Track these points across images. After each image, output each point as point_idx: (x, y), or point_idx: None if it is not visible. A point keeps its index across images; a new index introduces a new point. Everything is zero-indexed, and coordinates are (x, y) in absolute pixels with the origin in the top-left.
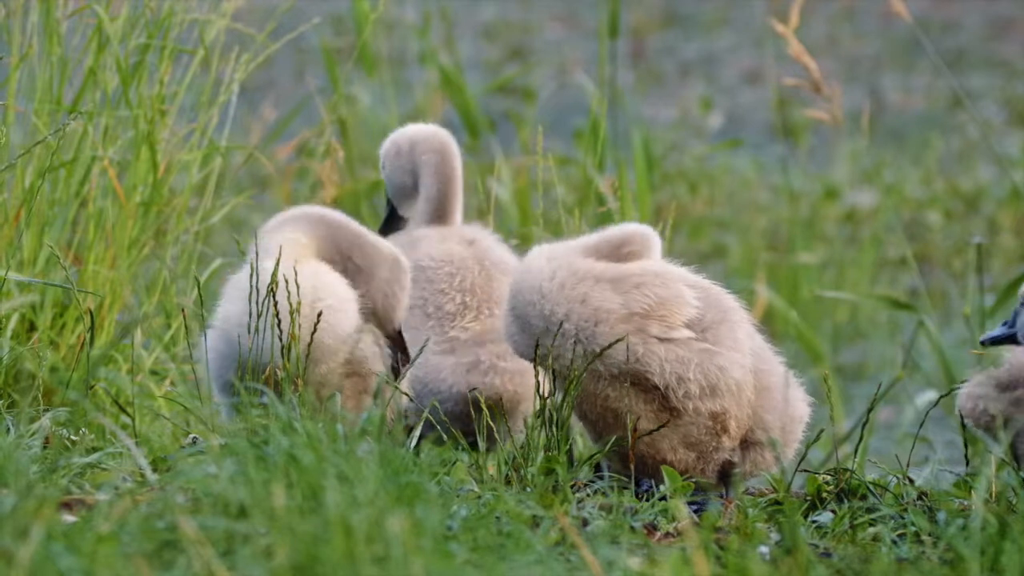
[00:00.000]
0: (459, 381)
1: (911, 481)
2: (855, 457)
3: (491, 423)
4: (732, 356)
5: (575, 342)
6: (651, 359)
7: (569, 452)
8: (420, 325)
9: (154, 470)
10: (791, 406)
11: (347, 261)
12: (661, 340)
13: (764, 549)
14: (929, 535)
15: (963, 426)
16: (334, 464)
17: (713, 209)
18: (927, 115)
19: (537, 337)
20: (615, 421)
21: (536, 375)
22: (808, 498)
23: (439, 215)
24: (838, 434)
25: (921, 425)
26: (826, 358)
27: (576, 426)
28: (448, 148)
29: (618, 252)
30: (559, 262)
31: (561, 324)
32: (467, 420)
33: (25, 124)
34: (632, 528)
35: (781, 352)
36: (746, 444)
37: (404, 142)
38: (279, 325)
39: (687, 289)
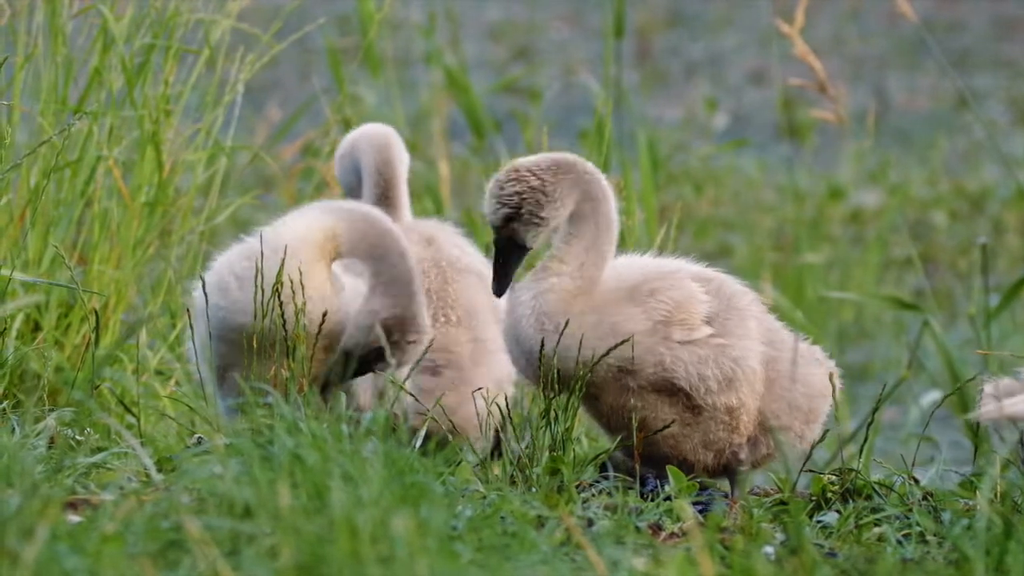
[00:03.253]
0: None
1: (916, 481)
2: (860, 457)
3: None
4: (745, 345)
5: (615, 367)
6: (677, 365)
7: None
8: None
9: (159, 470)
10: (808, 383)
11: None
12: (683, 343)
13: (769, 549)
14: (934, 535)
15: (973, 429)
16: (339, 464)
17: (718, 209)
18: (932, 115)
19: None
20: (642, 429)
21: (540, 378)
22: (813, 498)
23: (385, 206)
24: (843, 434)
25: (926, 425)
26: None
27: (580, 427)
28: (386, 142)
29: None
30: (580, 306)
31: (601, 359)
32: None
33: (30, 124)
34: (637, 528)
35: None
36: (754, 436)
37: (347, 143)
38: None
39: (694, 284)
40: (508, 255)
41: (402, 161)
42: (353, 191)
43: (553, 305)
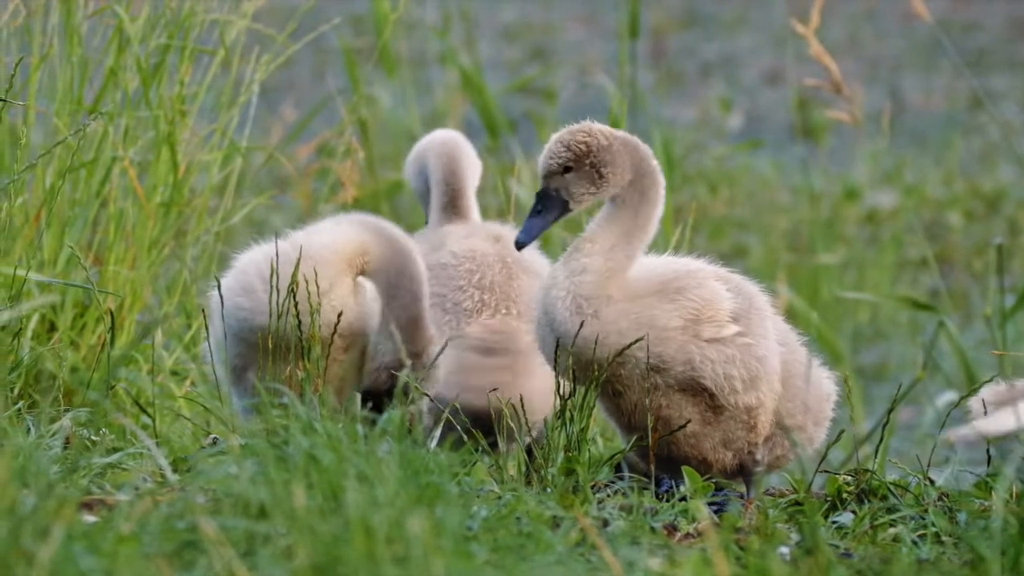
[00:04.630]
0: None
1: (931, 482)
2: (875, 458)
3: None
4: (768, 345)
5: (644, 363)
6: (705, 364)
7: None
8: (438, 321)
9: (174, 470)
10: (817, 385)
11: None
12: (710, 342)
13: (784, 550)
14: (949, 536)
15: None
16: (354, 464)
17: (733, 210)
18: (948, 116)
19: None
20: (664, 428)
21: (556, 376)
22: (828, 499)
23: (452, 214)
24: (858, 435)
25: (942, 426)
26: (847, 359)
27: (595, 427)
28: (454, 151)
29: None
30: (621, 297)
31: (624, 350)
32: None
33: (46, 125)
34: (652, 529)
35: (803, 339)
36: (770, 435)
37: (416, 149)
38: (300, 327)
39: (718, 283)
40: (550, 209)
41: (471, 168)
42: (424, 196)
43: (590, 288)
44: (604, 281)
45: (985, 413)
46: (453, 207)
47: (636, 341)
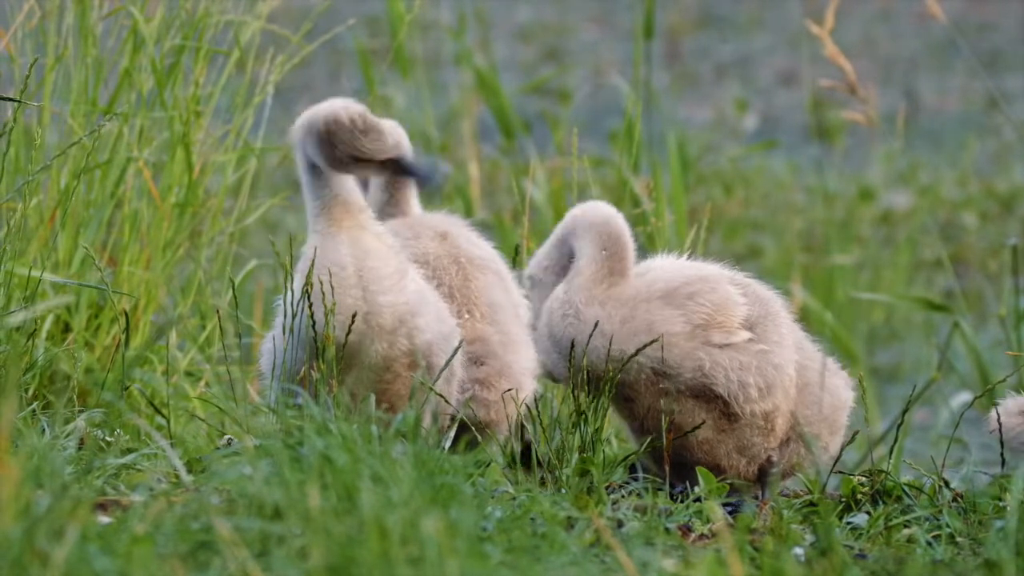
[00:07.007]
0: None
1: (946, 483)
2: (890, 458)
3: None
4: (784, 353)
5: (649, 368)
6: (716, 371)
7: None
8: None
9: (189, 471)
10: (834, 394)
11: None
12: (722, 347)
13: (799, 551)
14: (965, 536)
15: (1000, 428)
16: (369, 465)
17: (748, 210)
18: (963, 116)
19: (600, 371)
20: (675, 432)
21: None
22: (843, 499)
23: (393, 189)
24: (873, 435)
25: (956, 427)
26: (861, 359)
27: (610, 428)
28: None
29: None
30: (611, 301)
31: (632, 358)
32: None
33: (60, 125)
34: (667, 529)
35: (818, 343)
36: (785, 440)
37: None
38: (314, 327)
39: (732, 288)
40: None
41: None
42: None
43: (576, 293)
44: (591, 286)
45: (1000, 424)
46: (392, 185)
47: (639, 351)
